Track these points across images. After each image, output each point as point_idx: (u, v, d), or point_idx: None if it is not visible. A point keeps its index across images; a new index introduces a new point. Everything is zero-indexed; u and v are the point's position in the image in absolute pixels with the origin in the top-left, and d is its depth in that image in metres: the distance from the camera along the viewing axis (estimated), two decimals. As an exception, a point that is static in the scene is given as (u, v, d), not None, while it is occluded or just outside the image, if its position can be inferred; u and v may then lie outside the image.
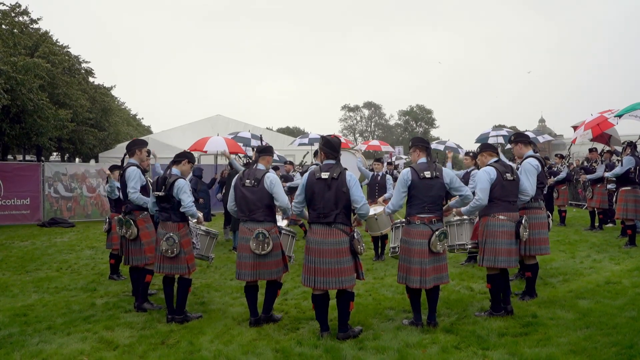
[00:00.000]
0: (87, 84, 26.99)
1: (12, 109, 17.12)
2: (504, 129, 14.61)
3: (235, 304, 5.76)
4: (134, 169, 5.61)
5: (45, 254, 9.30)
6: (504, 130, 13.98)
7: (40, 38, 22.11)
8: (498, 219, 5.01)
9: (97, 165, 16.33)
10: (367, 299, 5.79)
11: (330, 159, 4.60)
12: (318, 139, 14.44)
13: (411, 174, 4.69)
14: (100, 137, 27.49)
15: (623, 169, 8.84)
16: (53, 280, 7.11)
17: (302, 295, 6.02)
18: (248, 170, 5.05)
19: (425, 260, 4.58)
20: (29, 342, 4.55)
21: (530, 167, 5.41)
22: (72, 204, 14.91)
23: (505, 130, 13.88)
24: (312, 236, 4.52)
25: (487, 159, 5.29)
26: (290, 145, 18.03)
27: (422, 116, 77.75)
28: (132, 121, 46.83)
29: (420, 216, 4.66)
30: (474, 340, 4.34)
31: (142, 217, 5.67)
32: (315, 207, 4.50)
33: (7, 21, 18.34)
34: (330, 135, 4.77)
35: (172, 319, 5.05)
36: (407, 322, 4.86)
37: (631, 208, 8.71)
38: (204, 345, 4.40)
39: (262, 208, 4.86)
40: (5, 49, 16.25)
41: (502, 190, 5.01)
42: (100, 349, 4.38)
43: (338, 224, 4.44)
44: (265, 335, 4.65)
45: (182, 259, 5.05)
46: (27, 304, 5.87)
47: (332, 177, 4.44)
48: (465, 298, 5.73)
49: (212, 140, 11.32)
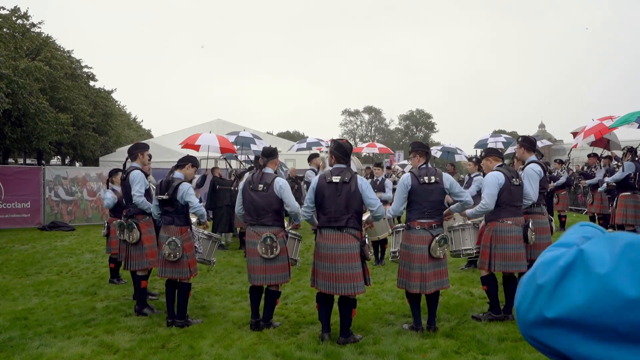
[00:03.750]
0: (88, 88, 27.05)
1: (13, 113, 17.16)
2: (502, 135, 14.74)
3: (235, 308, 5.77)
4: (138, 173, 5.62)
5: (45, 258, 9.31)
6: (502, 136, 14.17)
7: (42, 42, 22.18)
8: (506, 224, 5.01)
9: (98, 169, 16.35)
10: (367, 304, 5.80)
11: (340, 163, 4.58)
12: (316, 142, 14.46)
13: (411, 179, 4.71)
14: (101, 141, 27.53)
15: (623, 174, 8.86)
16: (53, 284, 7.11)
17: (302, 299, 6.02)
18: (257, 174, 5.01)
19: (426, 266, 4.59)
20: (30, 345, 4.56)
21: (532, 173, 5.43)
22: (73, 207, 14.92)
23: (503, 137, 14.10)
24: (323, 241, 4.49)
25: (492, 163, 5.29)
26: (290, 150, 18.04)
27: (422, 120, 77.88)
28: (133, 124, 46.90)
29: (420, 221, 4.67)
30: (474, 345, 4.35)
31: (144, 221, 5.68)
32: (326, 211, 4.48)
33: (7, 24, 18.41)
34: (342, 140, 4.76)
35: (173, 322, 5.06)
36: (407, 326, 4.86)
37: (631, 213, 8.72)
38: (204, 349, 4.41)
39: (270, 213, 4.83)
40: (7, 52, 16.31)
41: (510, 195, 5.01)
42: (101, 353, 4.38)
43: (350, 228, 4.43)
44: (266, 339, 4.65)
45: (184, 263, 5.06)
46: (27, 308, 5.88)
47: (344, 180, 4.43)
48: (465, 303, 5.74)
49: (204, 136, 11.35)
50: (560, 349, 0.77)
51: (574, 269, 0.77)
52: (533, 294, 0.80)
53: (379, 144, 19.28)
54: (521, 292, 0.84)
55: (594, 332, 0.74)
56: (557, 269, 0.79)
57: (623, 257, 0.74)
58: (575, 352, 0.75)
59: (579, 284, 0.76)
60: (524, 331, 0.82)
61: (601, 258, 0.76)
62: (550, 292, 0.78)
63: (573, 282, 0.76)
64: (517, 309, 0.83)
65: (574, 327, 0.75)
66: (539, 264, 0.83)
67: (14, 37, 17.88)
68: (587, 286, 0.75)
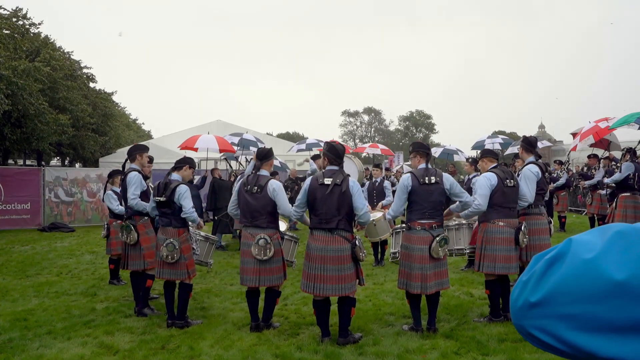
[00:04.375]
0: (87, 89, 27.05)
1: (13, 114, 17.15)
2: (499, 136, 14.87)
3: (235, 309, 5.77)
4: (135, 174, 5.61)
5: (45, 259, 9.30)
6: (500, 137, 14.31)
7: (41, 43, 22.18)
8: (497, 226, 5.02)
9: (98, 170, 16.35)
10: (367, 305, 5.80)
11: (333, 165, 4.61)
12: (316, 144, 14.46)
13: (411, 179, 4.71)
14: (101, 142, 27.53)
15: (622, 175, 8.86)
16: (53, 285, 7.11)
17: (302, 300, 6.02)
18: (251, 176, 5.03)
19: (427, 266, 4.60)
20: (29, 346, 4.56)
21: (529, 174, 5.43)
22: (73, 208, 14.91)
23: (500, 137, 14.28)
24: (314, 243, 4.52)
25: (487, 164, 5.31)
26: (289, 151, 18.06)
27: (421, 121, 77.89)
28: (133, 125, 46.90)
29: (420, 222, 4.67)
30: (474, 345, 4.35)
31: (142, 222, 5.68)
32: (317, 212, 4.51)
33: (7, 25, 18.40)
34: (335, 142, 4.77)
35: (173, 323, 5.06)
36: (407, 327, 4.86)
37: (630, 214, 8.72)
38: (204, 350, 4.41)
39: (265, 215, 4.85)
40: (6, 53, 16.30)
41: (503, 196, 5.02)
42: (101, 354, 4.38)
43: (340, 230, 4.45)
44: (266, 340, 4.65)
45: (182, 265, 5.06)
46: (27, 309, 5.87)
47: (335, 183, 4.45)
48: (465, 304, 5.74)
49: (203, 138, 11.34)
50: (549, 339, 0.77)
51: (561, 257, 0.78)
52: (522, 284, 0.82)
53: (381, 145, 19.34)
54: (515, 287, 0.85)
55: (580, 320, 0.73)
56: (544, 261, 0.80)
57: (612, 243, 0.75)
58: (564, 340, 0.75)
59: (563, 268, 0.77)
60: (515, 321, 0.83)
61: (590, 245, 0.77)
62: (537, 280, 0.79)
63: (558, 268, 0.77)
64: (510, 302, 0.85)
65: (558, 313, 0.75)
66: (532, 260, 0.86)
67: (14, 38, 17.88)
68: (571, 270, 0.75)
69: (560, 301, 0.75)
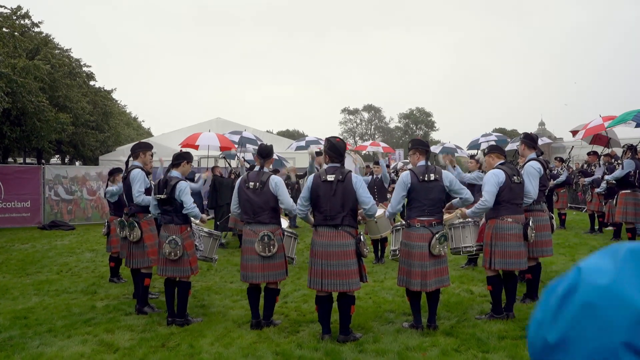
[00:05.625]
0: (87, 87, 27.02)
1: (12, 112, 17.14)
2: (493, 134, 14.91)
3: (235, 306, 5.77)
4: (139, 172, 5.64)
5: (45, 257, 9.31)
6: (493, 135, 14.35)
7: (41, 41, 22.15)
8: (507, 222, 5.00)
9: (98, 168, 16.35)
10: (367, 302, 5.80)
11: (335, 161, 4.61)
12: (315, 141, 14.44)
13: (410, 176, 4.70)
14: (101, 138, 27.52)
15: (623, 172, 8.86)
16: (53, 283, 7.11)
17: (303, 298, 6.02)
18: (253, 172, 5.04)
19: (426, 263, 4.59)
20: (30, 344, 4.56)
21: (532, 170, 5.42)
22: (73, 206, 14.92)
23: (494, 135, 14.33)
24: (318, 239, 4.52)
25: (494, 160, 5.27)
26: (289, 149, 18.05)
27: (422, 119, 77.83)
28: (133, 122, 46.87)
29: (420, 219, 4.67)
30: (474, 343, 4.35)
31: (146, 219, 5.69)
32: (321, 209, 4.51)
33: (7, 24, 18.37)
34: (336, 139, 4.77)
35: (173, 321, 5.06)
36: (407, 325, 4.86)
37: (631, 211, 8.73)
38: (204, 348, 4.41)
39: (267, 210, 4.85)
40: (6, 50, 16.28)
41: (510, 192, 5.00)
42: (101, 352, 4.39)
43: (345, 226, 4.46)
44: (266, 338, 4.65)
45: (185, 262, 5.06)
46: (27, 307, 5.88)
47: (338, 179, 4.45)
48: (465, 301, 5.74)
49: (204, 135, 11.34)
50: None
51: (574, 289, 0.70)
52: (537, 324, 0.75)
53: (383, 143, 19.41)
54: (530, 327, 0.78)
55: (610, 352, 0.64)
56: (556, 296, 0.73)
57: (626, 264, 0.67)
58: None
59: (578, 300, 0.69)
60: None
61: (601, 269, 0.69)
62: (553, 317, 0.72)
63: (572, 301, 0.69)
64: (528, 343, 0.77)
65: (584, 354, 0.66)
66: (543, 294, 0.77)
67: (14, 36, 17.85)
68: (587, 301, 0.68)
69: (583, 337, 0.67)
